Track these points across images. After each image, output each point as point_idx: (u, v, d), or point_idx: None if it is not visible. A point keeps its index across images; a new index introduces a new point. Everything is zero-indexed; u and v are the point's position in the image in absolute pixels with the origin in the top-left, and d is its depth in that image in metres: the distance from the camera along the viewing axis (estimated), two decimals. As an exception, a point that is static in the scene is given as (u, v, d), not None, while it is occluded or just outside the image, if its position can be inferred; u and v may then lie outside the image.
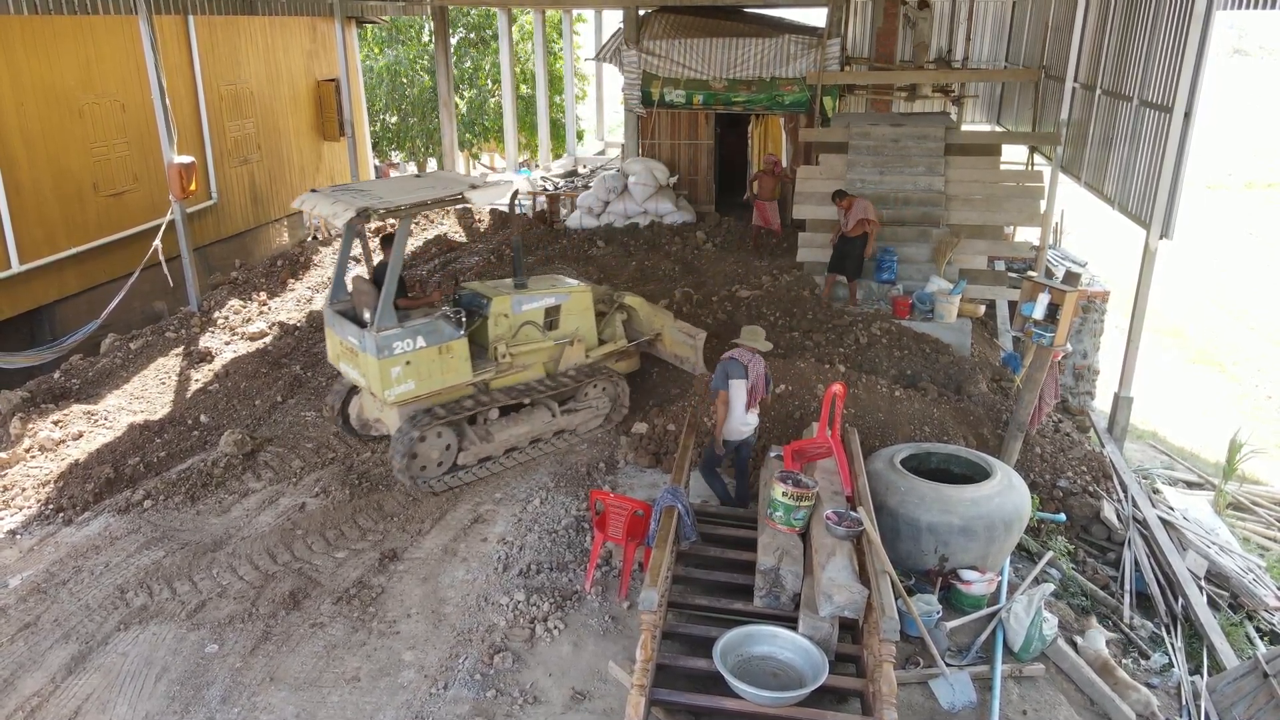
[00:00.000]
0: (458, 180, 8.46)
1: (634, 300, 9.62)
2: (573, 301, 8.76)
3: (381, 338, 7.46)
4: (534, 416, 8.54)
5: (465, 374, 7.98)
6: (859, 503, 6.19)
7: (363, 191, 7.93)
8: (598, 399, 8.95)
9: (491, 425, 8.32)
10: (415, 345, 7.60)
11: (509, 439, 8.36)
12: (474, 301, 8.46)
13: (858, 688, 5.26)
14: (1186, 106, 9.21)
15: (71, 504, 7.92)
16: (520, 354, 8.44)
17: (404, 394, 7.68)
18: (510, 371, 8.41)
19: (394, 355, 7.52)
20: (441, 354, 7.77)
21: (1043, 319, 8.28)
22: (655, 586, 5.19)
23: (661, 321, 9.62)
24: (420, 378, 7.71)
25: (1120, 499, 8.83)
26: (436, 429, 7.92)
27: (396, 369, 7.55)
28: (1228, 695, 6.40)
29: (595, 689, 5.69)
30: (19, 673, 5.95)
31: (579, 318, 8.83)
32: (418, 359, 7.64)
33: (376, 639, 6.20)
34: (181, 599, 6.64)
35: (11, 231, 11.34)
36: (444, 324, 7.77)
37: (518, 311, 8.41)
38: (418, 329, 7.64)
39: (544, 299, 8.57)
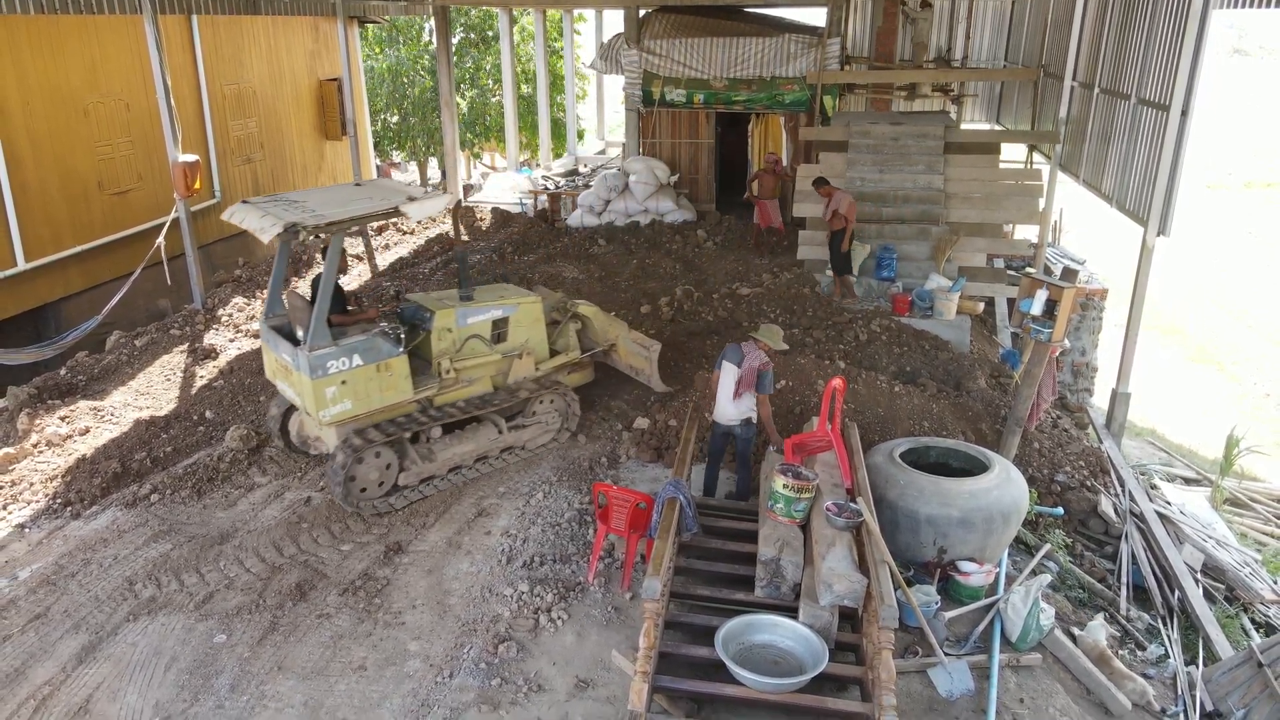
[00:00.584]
0: (395, 192, 8.09)
1: (588, 309, 9.27)
2: (521, 313, 8.46)
3: (314, 356, 7.16)
4: (479, 434, 8.18)
5: (406, 392, 7.70)
6: (859, 494, 6.27)
7: (295, 204, 7.61)
8: (546, 414, 8.60)
9: (434, 444, 7.97)
10: (351, 364, 7.31)
11: (453, 458, 8.00)
12: (417, 315, 8.17)
13: (857, 675, 5.34)
14: (1183, 105, 9.30)
15: (79, 498, 8.00)
16: (466, 369, 8.16)
17: (340, 414, 7.41)
18: (455, 387, 8.12)
19: (328, 375, 7.23)
20: (380, 372, 7.48)
21: (1041, 315, 8.37)
22: (658, 575, 5.27)
23: (616, 332, 9.28)
24: (357, 397, 7.43)
25: (1118, 493, 8.91)
26: (375, 449, 7.55)
27: (331, 389, 7.27)
28: (1223, 685, 6.48)
29: (598, 677, 5.77)
30: (30, 662, 6.03)
31: (529, 329, 8.54)
32: (354, 378, 7.35)
33: (382, 629, 6.28)
34: (189, 590, 6.72)
35: (17, 230, 11.44)
36: (381, 341, 7.48)
37: (463, 325, 8.12)
38: (354, 347, 7.34)
39: (491, 311, 8.26)
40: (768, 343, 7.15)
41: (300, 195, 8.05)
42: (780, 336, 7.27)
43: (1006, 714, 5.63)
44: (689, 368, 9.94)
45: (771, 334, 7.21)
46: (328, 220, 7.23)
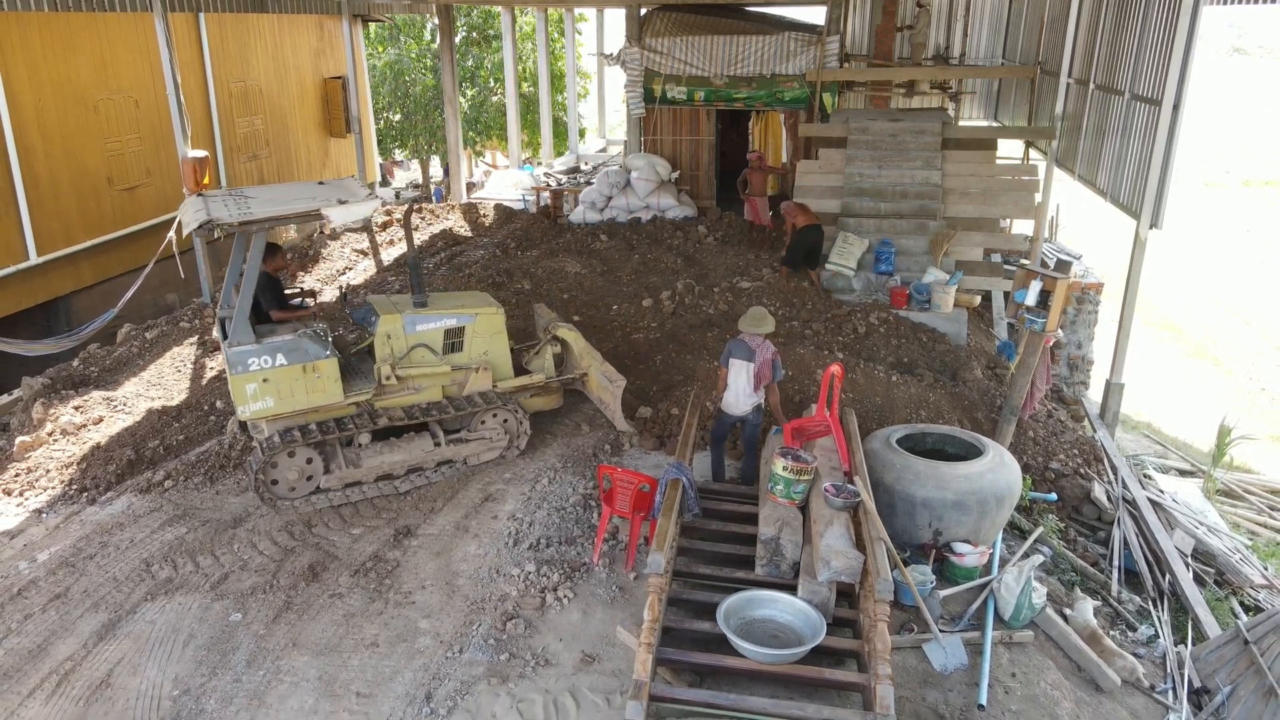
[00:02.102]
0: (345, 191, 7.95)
1: (569, 334, 8.93)
2: (480, 324, 8.21)
3: (234, 353, 7.23)
4: (414, 444, 7.94)
5: (336, 395, 7.64)
6: (856, 476, 6.45)
7: (248, 199, 7.66)
8: (493, 430, 8.27)
9: (363, 450, 7.80)
10: (274, 363, 7.33)
11: (380, 466, 7.81)
12: (365, 318, 8.15)
13: (854, 648, 5.52)
14: (1175, 99, 9.48)
15: (95, 484, 8.19)
16: (411, 376, 8.00)
17: (260, 412, 7.44)
18: (398, 394, 7.98)
19: (249, 371, 7.29)
20: (307, 373, 7.47)
21: (1035, 305, 8.56)
22: (662, 551, 5.45)
23: (589, 361, 8.83)
24: (280, 396, 7.43)
25: (1111, 481, 9.10)
26: (295, 449, 7.51)
27: (252, 385, 7.32)
28: (1210, 663, 6.66)
29: (604, 652, 5.95)
30: (51, 639, 6.22)
31: (487, 341, 8.29)
32: (276, 377, 7.37)
33: (393, 608, 6.46)
34: (205, 572, 6.91)
35: (30, 224, 11.63)
36: (308, 342, 7.45)
37: (410, 332, 7.95)
38: (278, 346, 7.35)
39: (443, 320, 8.06)
40: (765, 331, 7.33)
41: (255, 191, 8.06)
42: (763, 318, 7.38)
43: (999, 687, 5.81)
44: (690, 359, 10.12)
45: (761, 321, 7.34)
46: (243, 218, 7.18)
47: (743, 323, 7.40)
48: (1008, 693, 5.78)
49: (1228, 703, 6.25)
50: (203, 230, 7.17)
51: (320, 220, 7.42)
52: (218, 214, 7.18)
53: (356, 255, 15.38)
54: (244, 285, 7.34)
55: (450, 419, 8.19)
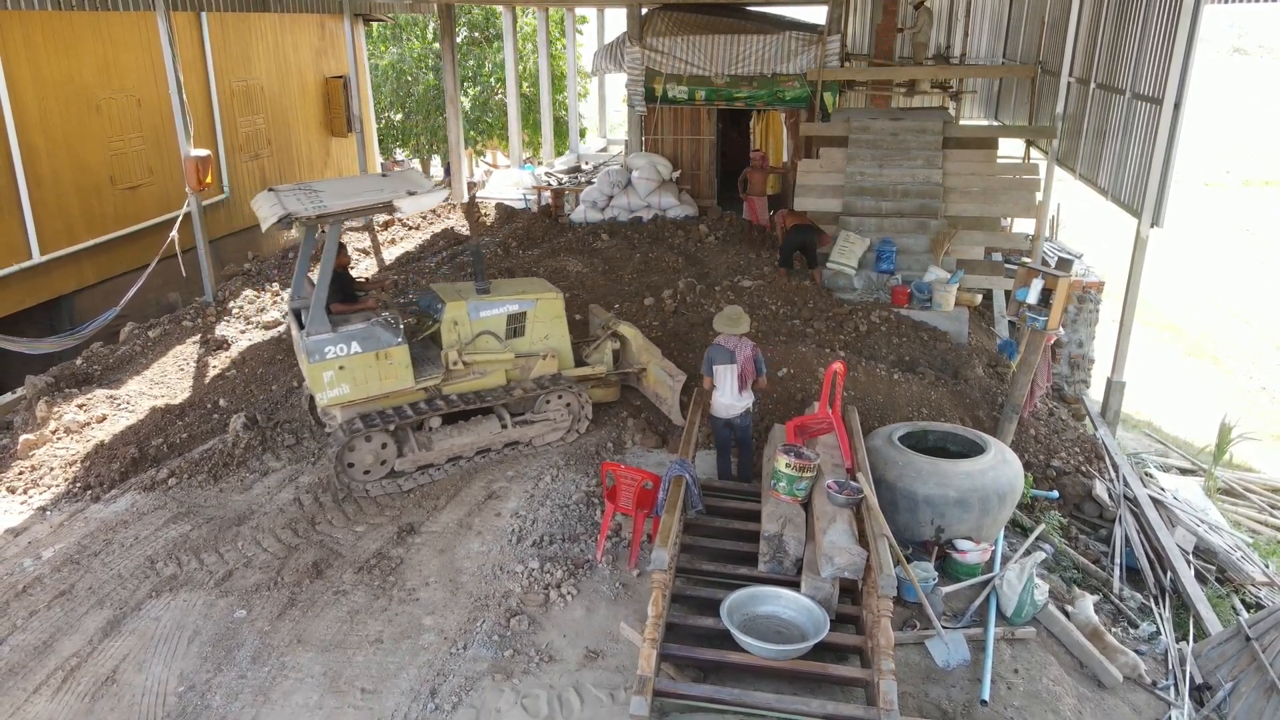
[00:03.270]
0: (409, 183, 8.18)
1: (629, 331, 9.24)
2: (541, 309, 8.43)
3: (312, 342, 7.44)
4: (481, 426, 8.20)
5: (407, 381, 7.85)
6: (859, 472, 6.47)
7: (317, 193, 7.85)
8: (557, 412, 8.53)
9: (434, 433, 8.07)
10: (349, 350, 7.54)
11: (451, 448, 8.09)
12: (431, 305, 8.34)
13: (857, 644, 5.55)
14: (1176, 98, 9.51)
15: (99, 482, 8.21)
16: (477, 362, 8.20)
17: (338, 398, 7.66)
18: (465, 378, 8.19)
19: (325, 359, 7.50)
20: (379, 360, 7.68)
21: (1036, 304, 8.57)
22: (666, 547, 5.47)
23: (649, 357, 9.11)
24: (355, 382, 7.64)
25: (1112, 479, 9.12)
26: (371, 434, 7.75)
27: (329, 373, 7.54)
28: (1212, 659, 6.68)
29: (608, 648, 5.97)
30: (57, 635, 6.24)
31: (548, 326, 8.51)
32: (352, 364, 7.58)
33: (397, 605, 6.48)
34: (209, 569, 6.93)
35: (33, 223, 11.66)
36: (381, 330, 7.65)
37: (475, 318, 8.18)
38: (352, 334, 7.55)
39: (506, 305, 8.26)
40: (740, 331, 7.33)
41: (323, 185, 8.29)
42: (738, 317, 7.38)
43: (1001, 683, 5.83)
44: (692, 358, 10.12)
45: (737, 321, 7.35)
46: (320, 211, 7.40)
47: (718, 323, 7.41)
48: (1010, 688, 5.80)
49: (1229, 699, 6.28)
50: (281, 224, 7.32)
51: (392, 211, 7.69)
52: (293, 207, 7.36)
53: (358, 254, 15.41)
54: (320, 276, 7.54)
55: (517, 401, 8.41)
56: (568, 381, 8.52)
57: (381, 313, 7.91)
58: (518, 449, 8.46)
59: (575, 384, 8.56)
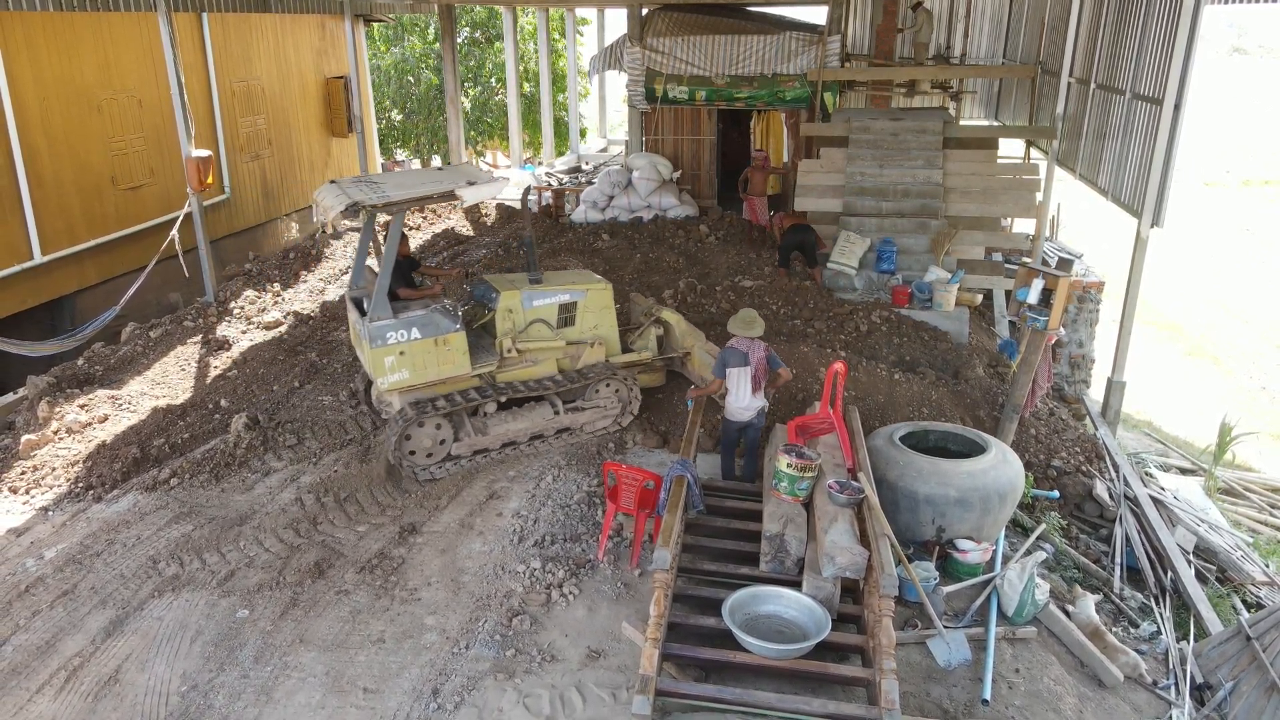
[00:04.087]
0: (465, 175, 8.47)
1: (672, 316, 9.46)
2: (590, 298, 8.63)
3: (374, 328, 7.61)
4: (535, 413, 8.43)
5: (464, 367, 8.03)
6: (860, 472, 6.48)
7: (377, 185, 8.07)
8: (607, 399, 8.76)
9: (489, 419, 8.29)
10: (410, 336, 7.72)
11: (506, 433, 8.30)
12: (485, 294, 8.57)
13: (859, 644, 5.56)
14: (1176, 98, 9.51)
15: (100, 482, 8.22)
16: (529, 350, 8.42)
17: (398, 383, 7.83)
18: (519, 366, 8.41)
19: (387, 345, 7.66)
20: (438, 346, 7.84)
21: (1037, 304, 8.58)
22: (668, 547, 5.48)
23: (693, 341, 9.38)
24: (415, 368, 7.81)
25: (1112, 478, 9.13)
26: (432, 419, 7.97)
27: (390, 358, 7.71)
28: (1213, 659, 6.69)
29: (610, 648, 5.98)
30: (60, 635, 6.25)
31: (597, 315, 8.70)
32: (412, 350, 7.75)
33: (399, 605, 6.49)
34: (211, 569, 6.94)
35: (34, 223, 11.67)
36: (440, 317, 7.82)
37: (528, 307, 8.38)
38: (413, 320, 7.72)
39: (557, 295, 8.46)
40: (755, 334, 7.33)
41: (380, 177, 8.51)
42: (753, 320, 7.38)
43: (1003, 683, 5.84)
44: None
45: (752, 324, 7.34)
46: (386, 200, 7.60)
47: (733, 325, 7.39)
48: (1011, 688, 5.82)
49: (1230, 699, 6.29)
50: (349, 213, 7.51)
51: (455, 200, 7.90)
52: (360, 197, 7.53)
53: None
54: (384, 263, 7.70)
55: (569, 390, 8.60)
56: (615, 368, 8.74)
57: (442, 299, 8.11)
58: (570, 435, 8.64)
59: (624, 370, 8.79)
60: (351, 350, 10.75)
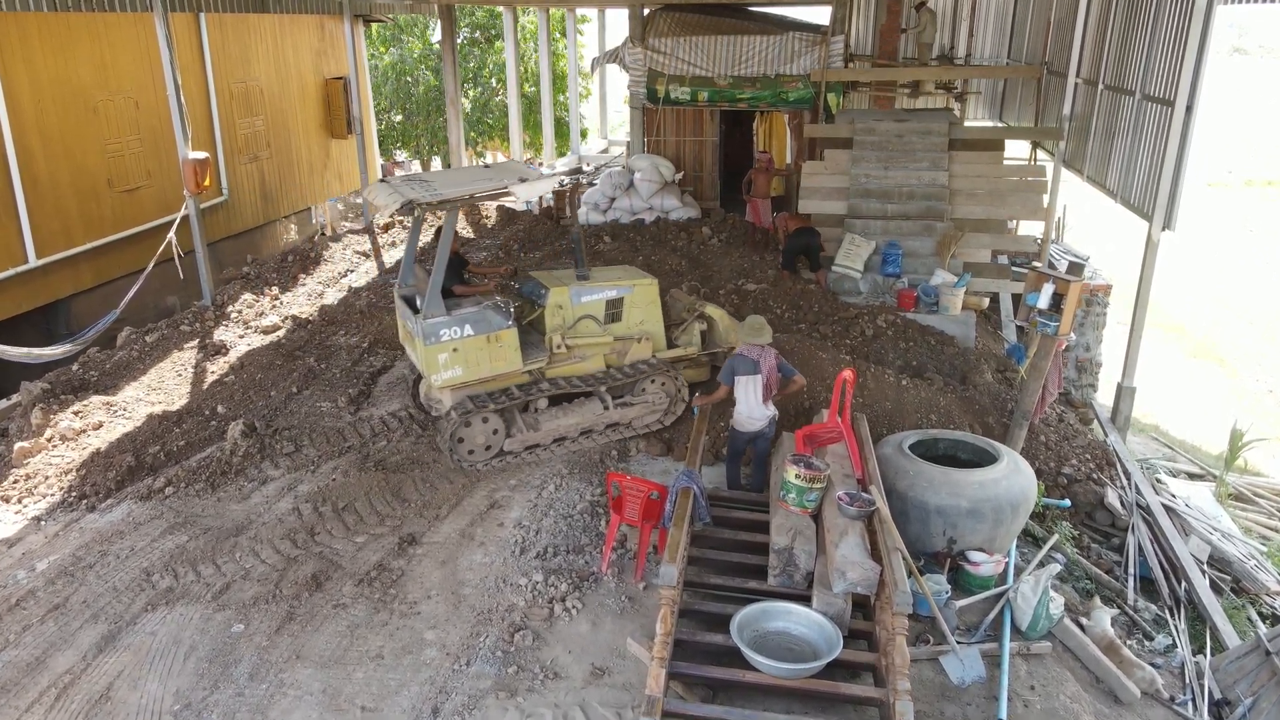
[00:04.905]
0: (514, 172, 8.46)
1: (715, 311, 9.44)
2: (637, 294, 8.64)
3: (428, 325, 7.68)
4: (585, 408, 8.45)
5: (515, 363, 8.09)
6: (870, 483, 6.33)
7: (426, 183, 8.07)
8: (655, 394, 8.73)
9: (540, 414, 8.35)
10: (463, 333, 7.78)
11: (557, 429, 8.35)
12: (534, 291, 8.59)
13: (871, 661, 5.41)
14: (1188, 100, 9.36)
15: (94, 491, 8.07)
16: (578, 346, 8.45)
17: (451, 379, 7.89)
18: (567, 362, 8.45)
19: (441, 342, 7.73)
20: (490, 342, 7.91)
21: (1047, 309, 8.42)
22: (674, 562, 5.33)
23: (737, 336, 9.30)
24: (468, 364, 7.89)
25: (1124, 486, 8.98)
26: (484, 414, 8.04)
27: (444, 355, 7.78)
28: (1231, 673, 6.54)
29: (614, 665, 5.83)
30: (50, 651, 6.10)
31: (644, 311, 8.70)
32: (465, 346, 7.82)
33: (398, 619, 6.34)
34: (206, 581, 6.79)
35: (29, 226, 11.52)
36: (492, 313, 7.88)
37: (576, 303, 8.41)
38: (466, 317, 7.79)
39: (605, 291, 8.49)
40: (764, 341, 7.17)
41: (430, 175, 8.53)
42: (760, 327, 7.24)
43: (1018, 701, 5.69)
44: None
45: (760, 331, 7.18)
46: (440, 197, 7.60)
47: (742, 333, 7.24)
48: (1027, 706, 5.67)
49: (1249, 715, 6.14)
50: (404, 210, 7.52)
51: (508, 198, 7.84)
52: (414, 195, 7.53)
53: (358, 257, 15.28)
54: (437, 261, 7.73)
55: (618, 385, 8.61)
56: (663, 363, 8.74)
57: (494, 296, 8.14)
58: (618, 430, 8.63)
59: (671, 366, 8.78)
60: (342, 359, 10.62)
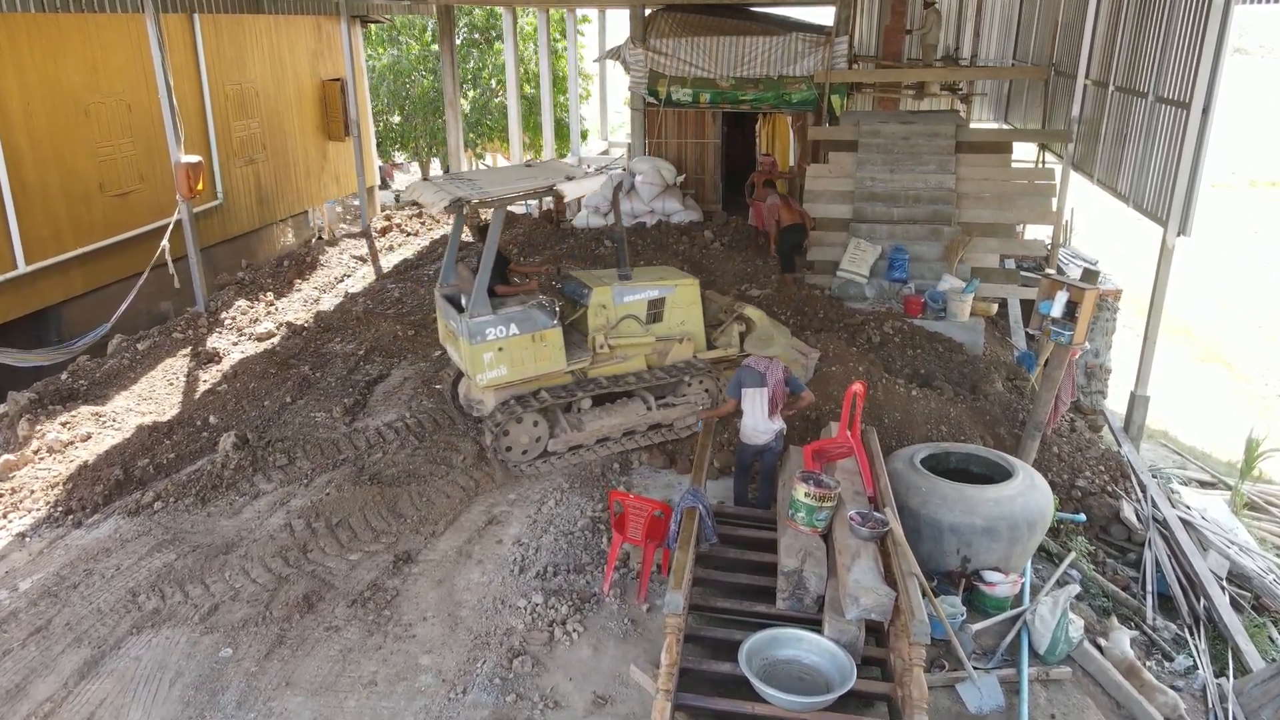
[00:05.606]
0: (559, 171, 8.42)
1: (754, 313, 9.46)
2: (679, 294, 8.64)
3: (474, 324, 7.63)
4: (628, 408, 8.43)
5: (559, 363, 8.06)
6: (882, 503, 6.10)
7: (470, 181, 8.04)
8: (696, 395, 8.69)
9: (584, 414, 8.32)
10: (508, 332, 7.74)
11: (601, 429, 8.32)
12: (576, 291, 8.57)
13: (885, 692, 5.18)
14: (1205, 102, 9.12)
15: (81, 506, 7.83)
16: (620, 346, 8.43)
17: (496, 379, 7.84)
18: (609, 362, 8.42)
19: (486, 341, 7.67)
20: (535, 342, 7.87)
21: (1061, 317, 8.20)
22: (680, 589, 5.10)
23: (778, 337, 9.45)
24: (512, 364, 7.84)
25: (1139, 499, 8.75)
26: (529, 415, 7.99)
27: (489, 354, 7.73)
28: (1255, 698, 6.31)
29: (617, 693, 5.60)
30: (31, 677, 5.86)
31: (685, 311, 8.70)
32: (510, 346, 7.78)
33: (393, 643, 6.11)
34: (194, 602, 6.55)
35: (18, 232, 11.27)
36: (538, 313, 7.86)
37: (619, 303, 8.38)
38: (511, 317, 7.75)
39: (647, 291, 8.47)
40: (774, 352, 6.97)
41: (473, 174, 8.52)
42: (771, 339, 7.09)
43: (1037, 730, 5.47)
44: None
45: (769, 342, 7.03)
46: (488, 195, 7.56)
47: (750, 344, 7.06)
48: (1047, 736, 5.44)
49: (1277, 743, 5.91)
50: (453, 208, 7.45)
51: (556, 195, 7.84)
52: (461, 193, 7.49)
53: (355, 262, 15.05)
54: (484, 260, 7.70)
55: (659, 385, 8.60)
56: (704, 363, 8.69)
57: (538, 295, 8.09)
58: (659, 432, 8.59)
59: (713, 367, 8.72)
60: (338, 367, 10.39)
